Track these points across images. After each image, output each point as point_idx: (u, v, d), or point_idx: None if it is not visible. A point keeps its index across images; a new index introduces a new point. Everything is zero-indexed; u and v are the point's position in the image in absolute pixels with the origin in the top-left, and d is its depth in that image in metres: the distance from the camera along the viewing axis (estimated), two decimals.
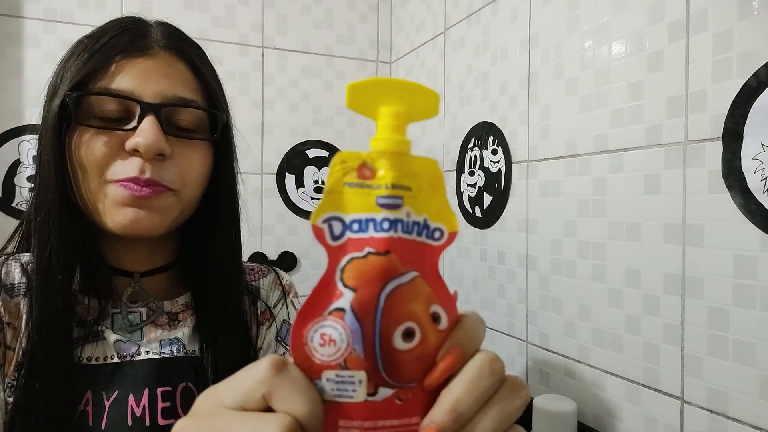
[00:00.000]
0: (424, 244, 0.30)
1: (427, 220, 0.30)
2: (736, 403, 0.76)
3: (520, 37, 1.19)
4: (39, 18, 1.41)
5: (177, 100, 0.56)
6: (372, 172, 0.29)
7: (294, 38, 1.70)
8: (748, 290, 0.75)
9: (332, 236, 0.29)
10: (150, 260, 0.62)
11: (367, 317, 0.28)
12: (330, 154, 1.74)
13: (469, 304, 1.38)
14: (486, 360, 0.29)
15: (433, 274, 0.30)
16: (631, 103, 0.91)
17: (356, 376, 0.28)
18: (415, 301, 0.29)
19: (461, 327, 0.31)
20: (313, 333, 0.28)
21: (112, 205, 0.54)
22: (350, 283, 0.28)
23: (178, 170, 0.56)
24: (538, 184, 1.13)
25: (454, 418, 0.28)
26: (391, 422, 0.28)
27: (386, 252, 0.28)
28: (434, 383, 0.29)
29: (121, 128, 0.54)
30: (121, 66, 0.54)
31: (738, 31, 0.76)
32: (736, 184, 0.75)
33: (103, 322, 0.59)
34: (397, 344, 0.28)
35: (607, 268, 0.96)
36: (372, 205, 0.29)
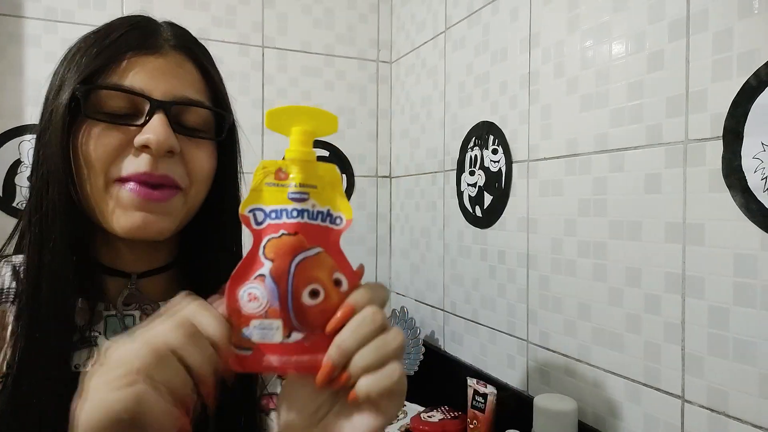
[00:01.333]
0: (328, 228, 0.40)
1: (330, 210, 0.41)
2: (736, 401, 0.76)
3: (521, 37, 1.19)
4: (40, 18, 1.41)
5: (185, 100, 0.55)
6: (285, 175, 0.40)
7: (294, 38, 1.70)
8: (749, 289, 0.75)
9: (256, 222, 0.40)
10: (149, 261, 0.60)
11: (282, 280, 0.39)
12: (330, 153, 1.74)
13: (469, 304, 1.38)
14: (369, 312, 0.40)
15: (336, 250, 0.41)
16: (632, 102, 0.92)
17: (274, 324, 0.39)
18: (319, 269, 0.39)
19: (358, 290, 0.41)
20: (243, 292, 0.39)
21: (120, 207, 0.52)
22: (269, 256, 0.39)
23: (186, 168, 0.55)
24: (539, 183, 1.13)
25: (339, 352, 0.39)
26: (300, 358, 0.39)
27: (295, 233, 0.39)
28: (331, 330, 0.39)
29: (130, 124, 0.53)
30: (132, 63, 0.53)
31: (738, 30, 0.76)
32: (736, 183, 0.75)
33: (96, 326, 0.56)
34: (305, 300, 0.39)
35: (607, 267, 0.96)
36: (285, 199, 0.40)
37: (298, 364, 0.39)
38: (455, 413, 1.25)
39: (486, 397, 1.17)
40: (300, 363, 0.39)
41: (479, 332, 1.34)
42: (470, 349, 1.38)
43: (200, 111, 0.57)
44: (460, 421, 1.22)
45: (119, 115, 0.53)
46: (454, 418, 1.23)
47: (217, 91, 0.60)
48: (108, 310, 0.58)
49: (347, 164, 1.76)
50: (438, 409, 1.26)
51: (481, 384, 1.19)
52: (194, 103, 0.56)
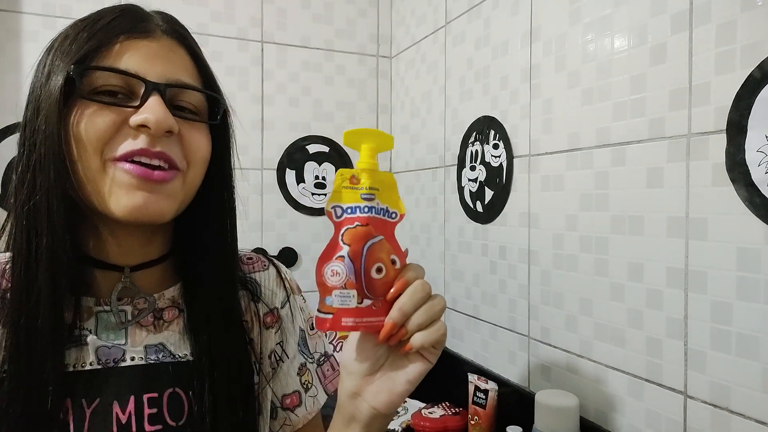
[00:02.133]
0: (387, 221, 0.53)
1: (388, 207, 0.54)
2: (739, 397, 0.76)
3: (522, 31, 1.18)
4: (38, 13, 1.40)
5: (180, 83, 0.56)
6: (358, 180, 0.52)
7: (294, 33, 1.69)
8: (752, 284, 0.74)
9: (336, 216, 0.52)
10: (142, 253, 0.59)
11: (357, 259, 0.50)
12: (330, 149, 1.73)
13: (470, 300, 1.38)
14: (419, 283, 0.52)
15: (392, 237, 0.53)
16: (634, 95, 0.91)
17: (351, 293, 0.50)
18: (382, 251, 0.52)
19: (407, 268, 0.53)
20: (327, 269, 0.51)
21: (118, 188, 0.51)
22: (347, 241, 0.51)
23: (184, 151, 0.55)
24: (540, 178, 1.12)
25: (401, 314, 0.51)
26: (369, 319, 0.51)
27: (366, 224, 0.51)
28: (392, 297, 0.52)
29: (125, 105, 0.52)
30: (125, 46, 0.53)
31: (741, 23, 0.75)
32: (740, 176, 0.75)
33: (86, 323, 0.55)
34: (373, 275, 0.51)
35: (609, 262, 0.96)
36: (358, 199, 0.52)
37: (368, 324, 0.51)
38: (456, 409, 1.24)
39: (487, 393, 1.17)
40: (369, 323, 0.51)
41: (480, 328, 1.34)
42: (471, 345, 1.38)
43: (194, 94, 0.57)
44: (461, 417, 1.22)
45: (114, 97, 0.52)
46: (455, 414, 1.23)
47: (209, 76, 0.61)
48: (99, 306, 0.56)
49: (347, 160, 1.76)
50: (439, 405, 1.26)
51: (482, 380, 1.19)
52: (189, 86, 0.56)
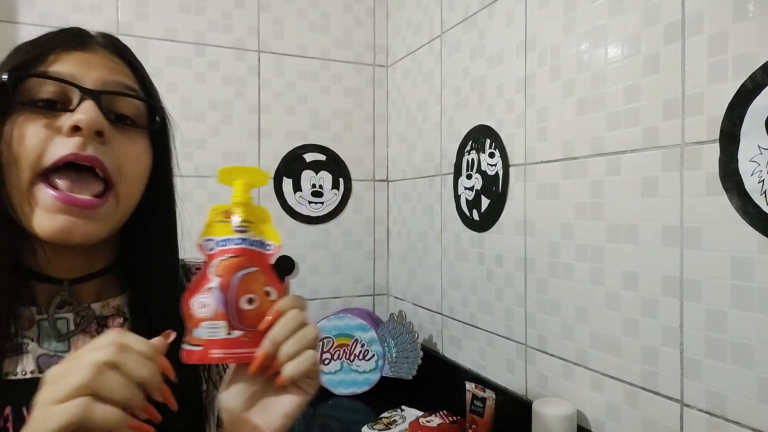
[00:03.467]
0: (261, 253, 0.53)
1: (263, 239, 0.53)
2: (735, 405, 0.76)
3: (517, 40, 1.19)
4: (35, 23, 1.41)
5: (118, 85, 0.55)
6: (231, 214, 0.52)
7: (290, 42, 1.70)
8: (746, 292, 0.74)
9: (208, 249, 0.52)
10: (83, 266, 0.58)
11: (226, 291, 0.50)
12: (327, 157, 1.73)
13: (467, 308, 1.38)
14: (293, 312, 0.51)
15: (268, 269, 0.53)
16: (628, 105, 0.92)
17: (220, 324, 0.49)
18: (255, 282, 0.51)
19: (283, 298, 0.52)
20: (195, 301, 0.49)
21: (41, 209, 0.51)
22: (217, 273, 0.50)
23: (116, 159, 0.54)
24: (536, 186, 1.13)
25: (272, 344, 0.49)
26: (240, 350, 0.50)
27: (239, 256, 0.51)
28: (263, 328, 0.50)
29: (60, 111, 0.52)
30: (61, 56, 0.54)
31: (734, 34, 0.76)
32: (733, 186, 0.75)
33: (27, 332, 0.55)
34: (243, 306, 0.50)
35: (605, 270, 0.96)
36: (231, 231, 0.52)
37: (239, 355, 0.50)
38: (454, 418, 1.24)
39: (485, 402, 1.17)
40: (240, 354, 0.50)
41: (477, 336, 1.34)
42: (468, 353, 1.38)
43: (131, 103, 0.57)
44: (458, 426, 1.22)
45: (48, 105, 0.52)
46: (452, 422, 1.23)
47: (147, 85, 0.60)
48: (40, 315, 0.56)
49: (344, 168, 1.76)
50: (436, 414, 1.26)
51: (480, 388, 1.19)
52: (123, 92, 0.56)
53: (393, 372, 1.49)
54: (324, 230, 1.74)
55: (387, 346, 1.50)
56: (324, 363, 1.51)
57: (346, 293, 1.77)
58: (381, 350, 1.50)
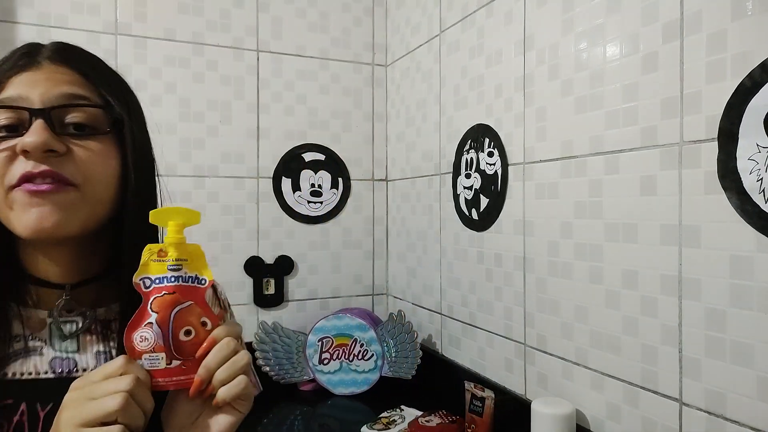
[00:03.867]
0: (196, 287, 0.58)
1: (197, 275, 0.58)
2: (734, 404, 0.76)
3: (515, 39, 1.19)
4: (33, 23, 1.40)
5: (65, 97, 0.58)
6: (165, 253, 0.57)
7: (289, 42, 1.70)
8: (745, 291, 0.74)
9: (144, 287, 0.56)
10: (79, 272, 0.63)
11: (164, 325, 0.55)
12: (326, 157, 1.73)
13: (466, 307, 1.38)
14: (225, 341, 0.56)
15: (202, 302, 0.58)
16: (626, 104, 0.91)
17: (160, 356, 0.54)
18: (191, 315, 0.56)
19: (218, 327, 0.57)
20: (136, 335, 0.54)
21: (17, 210, 0.56)
22: (155, 309, 0.55)
23: (78, 167, 0.57)
24: (535, 186, 1.13)
25: (205, 371, 0.55)
26: (179, 378, 0.55)
27: (173, 292, 0.56)
28: (199, 356, 0.55)
29: (13, 136, 0.56)
30: (10, 81, 0.57)
31: (732, 32, 0.76)
32: (731, 184, 0.75)
33: (39, 335, 0.61)
34: (181, 338, 0.55)
35: (604, 269, 0.96)
36: (165, 270, 0.56)
37: (177, 382, 0.55)
38: (453, 417, 1.24)
39: (484, 401, 1.17)
40: (179, 381, 0.55)
41: (477, 336, 1.34)
42: (468, 352, 1.38)
43: (83, 110, 0.59)
44: (458, 426, 1.22)
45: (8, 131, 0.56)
46: (451, 422, 1.23)
47: (102, 89, 0.61)
48: (50, 317, 0.62)
49: (343, 168, 1.76)
50: (436, 414, 1.25)
51: (479, 388, 1.19)
52: (71, 104, 0.58)
53: (392, 372, 1.49)
54: (323, 230, 1.74)
55: (386, 346, 1.50)
56: (323, 363, 1.51)
57: (346, 293, 1.77)
58: (380, 350, 1.50)
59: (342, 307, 1.74)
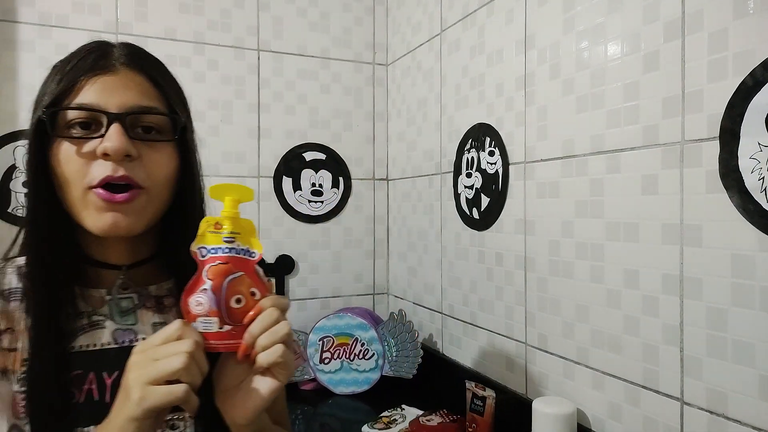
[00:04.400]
0: (246, 260, 0.62)
1: (249, 248, 0.62)
2: (735, 403, 0.76)
3: (516, 38, 1.19)
4: (34, 23, 1.41)
5: (137, 103, 0.63)
6: (221, 226, 0.61)
7: (290, 41, 1.70)
8: (747, 290, 0.74)
9: (201, 255, 0.60)
10: (133, 254, 0.70)
11: (218, 292, 0.59)
12: (326, 156, 1.73)
13: (467, 306, 1.38)
14: (269, 311, 0.59)
15: (252, 273, 0.62)
16: (628, 103, 0.91)
17: (213, 320, 0.59)
18: (241, 285, 0.60)
19: (266, 298, 0.61)
20: (192, 300, 0.59)
21: (94, 210, 0.62)
22: (210, 277, 0.59)
23: (146, 170, 0.63)
24: (536, 185, 1.13)
25: (249, 337, 0.59)
26: (229, 341, 0.59)
27: (227, 262, 0.60)
28: (246, 323, 0.59)
29: (91, 137, 0.61)
30: (87, 83, 0.62)
31: (733, 31, 0.76)
32: (733, 183, 0.75)
33: (100, 311, 0.68)
34: (233, 305, 0.59)
35: (605, 269, 0.96)
36: (220, 241, 0.60)
37: (227, 346, 0.59)
38: (454, 417, 1.24)
39: (485, 401, 1.17)
40: (228, 345, 0.59)
41: (477, 335, 1.34)
42: (469, 352, 1.38)
43: (154, 116, 0.65)
44: (458, 425, 1.22)
45: (83, 131, 0.62)
46: (452, 421, 1.23)
47: (169, 98, 0.68)
48: (109, 295, 0.69)
49: (344, 167, 1.76)
50: (437, 413, 1.25)
51: (480, 387, 1.19)
52: (144, 110, 0.64)
53: (393, 371, 1.49)
54: (324, 229, 1.74)
55: (387, 345, 1.50)
56: (324, 362, 1.51)
57: (346, 292, 1.77)
58: (381, 349, 1.50)
59: (343, 306, 1.74)
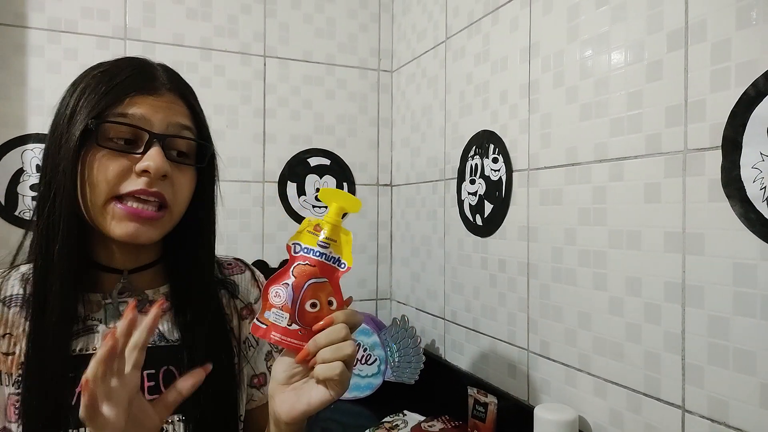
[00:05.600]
0: (335, 268, 0.63)
1: (340, 258, 0.63)
2: (737, 411, 0.76)
3: (521, 46, 1.20)
4: (43, 28, 1.42)
5: (179, 128, 0.68)
6: (320, 229, 0.63)
7: (296, 47, 1.71)
8: (748, 299, 0.75)
9: (294, 251, 0.63)
10: (137, 259, 0.73)
11: (297, 291, 0.61)
12: (331, 162, 1.74)
13: (470, 313, 1.38)
14: (340, 326, 0.60)
15: (336, 284, 0.63)
16: (631, 111, 0.92)
17: (284, 315, 0.61)
18: (321, 291, 0.62)
19: (341, 311, 0.62)
20: (272, 290, 0.61)
21: (116, 219, 0.65)
22: (295, 274, 0.61)
23: (173, 188, 0.68)
24: (539, 192, 1.13)
25: (314, 345, 0.60)
26: (293, 340, 0.61)
27: (314, 266, 0.62)
28: (316, 330, 0.61)
29: (131, 152, 0.65)
30: (134, 100, 0.65)
31: (736, 41, 0.76)
32: (735, 192, 0.75)
33: (95, 314, 0.69)
34: (307, 308, 0.61)
35: (607, 276, 0.96)
36: (315, 243, 0.62)
37: (290, 344, 0.61)
38: (456, 423, 1.24)
39: (487, 407, 1.17)
40: (291, 343, 0.61)
41: (480, 341, 1.34)
42: (471, 358, 1.38)
43: (187, 141, 0.70)
44: (460, 431, 1.22)
45: (123, 144, 0.65)
46: (454, 427, 1.23)
47: (202, 126, 0.73)
48: (106, 299, 0.70)
49: (348, 173, 1.77)
50: (439, 419, 1.26)
51: (482, 393, 1.19)
52: (183, 136, 0.69)
53: (395, 376, 1.49)
54: None
55: (389, 351, 1.51)
56: None
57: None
58: (383, 355, 1.51)
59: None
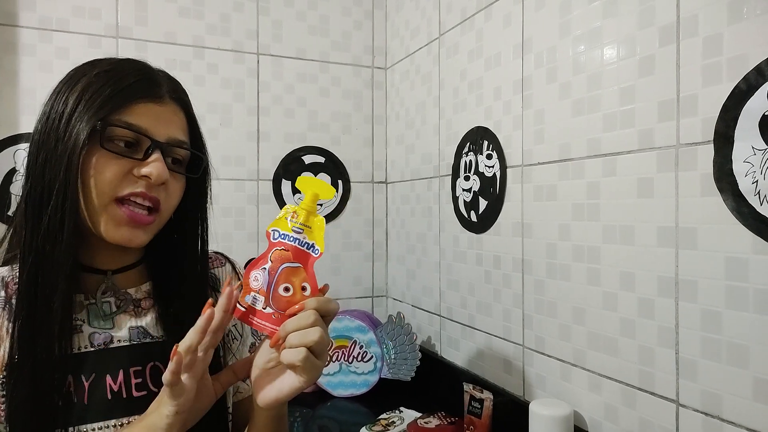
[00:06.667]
0: (308, 254, 0.64)
1: (314, 243, 0.64)
2: (730, 405, 0.76)
3: (514, 42, 1.19)
4: (34, 27, 1.41)
5: (176, 142, 0.70)
6: (296, 216, 0.65)
7: (289, 45, 1.70)
8: (741, 293, 0.75)
9: (272, 237, 0.64)
10: (121, 260, 0.74)
11: (272, 275, 0.62)
12: (326, 159, 1.74)
13: (465, 309, 1.38)
14: (308, 312, 0.60)
15: (310, 269, 0.64)
16: (624, 107, 0.92)
17: (261, 298, 0.62)
18: (294, 276, 0.63)
19: (312, 298, 0.62)
20: (252, 274, 0.63)
21: (112, 222, 0.66)
22: (272, 259, 0.63)
23: (166, 196, 0.70)
24: (533, 188, 1.13)
25: (283, 330, 0.60)
26: (267, 323, 0.62)
27: (288, 250, 0.63)
28: (288, 314, 0.62)
29: (132, 156, 0.66)
30: (140, 106, 0.67)
31: (728, 35, 0.76)
32: (727, 187, 0.76)
33: (78, 315, 0.69)
34: (280, 292, 0.62)
35: (601, 271, 0.97)
36: (290, 230, 0.64)
37: (264, 327, 0.62)
38: (452, 419, 1.25)
39: (482, 403, 1.17)
40: (266, 326, 0.62)
41: (475, 337, 1.34)
42: (467, 354, 1.38)
43: (184, 150, 0.72)
44: (456, 427, 1.22)
45: (124, 148, 0.66)
46: (450, 423, 1.23)
47: (197, 135, 0.75)
48: (88, 300, 0.71)
49: (343, 170, 1.77)
50: (435, 415, 1.26)
51: (478, 389, 1.19)
52: (181, 144, 0.71)
53: (391, 373, 1.49)
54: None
55: (385, 348, 1.51)
56: None
57: (345, 295, 1.78)
58: (379, 352, 1.51)
59: (341, 308, 1.74)
